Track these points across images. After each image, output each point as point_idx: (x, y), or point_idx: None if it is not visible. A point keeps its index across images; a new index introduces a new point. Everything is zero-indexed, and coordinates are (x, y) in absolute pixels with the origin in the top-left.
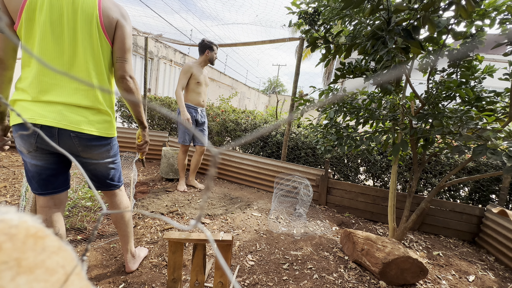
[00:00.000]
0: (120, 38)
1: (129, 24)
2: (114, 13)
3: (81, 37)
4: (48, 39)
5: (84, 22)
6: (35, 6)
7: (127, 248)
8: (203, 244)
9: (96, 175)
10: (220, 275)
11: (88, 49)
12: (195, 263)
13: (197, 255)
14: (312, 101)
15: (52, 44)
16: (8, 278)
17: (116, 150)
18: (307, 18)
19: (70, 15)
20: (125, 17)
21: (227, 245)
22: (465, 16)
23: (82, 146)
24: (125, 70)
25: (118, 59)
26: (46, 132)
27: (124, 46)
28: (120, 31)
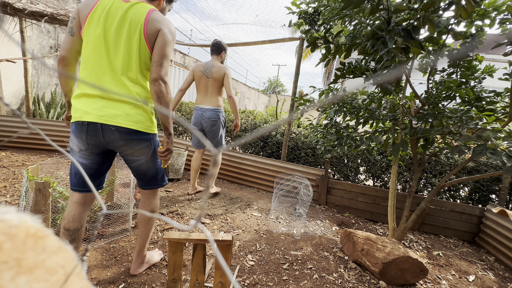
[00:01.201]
0: (159, 44)
1: (171, 34)
2: (159, 23)
3: (125, 42)
4: (99, 43)
5: (130, 30)
6: (96, 15)
7: (139, 251)
8: (203, 244)
9: (138, 173)
10: (220, 275)
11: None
12: (195, 263)
13: (197, 255)
14: (312, 101)
15: (101, 48)
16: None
17: (156, 149)
18: (307, 18)
19: (120, 23)
20: (169, 28)
21: (227, 245)
22: (465, 16)
23: (123, 140)
24: (159, 73)
25: (154, 63)
26: (92, 128)
27: (161, 51)
28: (160, 38)
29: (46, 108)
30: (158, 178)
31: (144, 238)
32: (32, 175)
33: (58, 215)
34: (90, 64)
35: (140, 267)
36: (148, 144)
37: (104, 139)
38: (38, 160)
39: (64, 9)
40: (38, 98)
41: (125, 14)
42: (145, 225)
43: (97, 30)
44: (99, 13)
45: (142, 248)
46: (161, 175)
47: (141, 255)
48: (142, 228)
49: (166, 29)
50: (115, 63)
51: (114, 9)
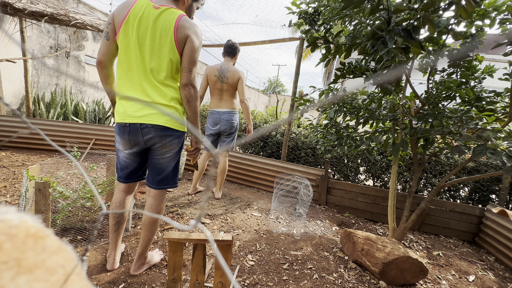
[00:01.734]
0: (188, 50)
1: (198, 40)
2: (188, 30)
3: (157, 47)
4: (134, 49)
5: (161, 36)
6: (130, 22)
7: (140, 253)
8: (203, 244)
9: (157, 167)
10: (220, 275)
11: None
12: (195, 263)
13: (197, 255)
14: (312, 101)
15: (137, 53)
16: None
17: (179, 150)
18: (307, 18)
19: (152, 30)
20: (197, 35)
21: (227, 245)
22: (465, 16)
23: (158, 137)
24: (189, 79)
25: (184, 69)
26: (133, 128)
27: (190, 58)
28: (189, 44)
29: (46, 108)
30: (172, 178)
31: (146, 241)
32: (32, 175)
33: (58, 215)
34: (131, 70)
35: (140, 268)
36: (178, 141)
37: (143, 138)
38: (38, 160)
39: (64, 9)
40: (38, 98)
41: (156, 21)
42: (149, 229)
43: (132, 37)
44: (132, 20)
45: (144, 251)
46: (177, 177)
47: (142, 257)
48: (146, 231)
49: (193, 36)
50: (149, 67)
51: (145, 16)
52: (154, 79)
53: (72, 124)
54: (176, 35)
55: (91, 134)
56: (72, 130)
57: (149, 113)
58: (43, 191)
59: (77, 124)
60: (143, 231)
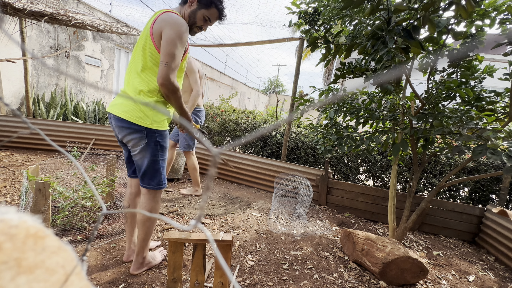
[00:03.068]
0: (163, 43)
1: (175, 32)
2: (164, 22)
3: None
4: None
5: (143, 33)
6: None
7: (137, 252)
8: (203, 244)
9: (136, 164)
10: (220, 275)
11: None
12: (195, 263)
13: (197, 255)
14: (312, 101)
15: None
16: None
17: (155, 147)
18: (307, 18)
19: (142, 34)
20: (173, 26)
21: (227, 245)
22: (465, 16)
23: (117, 128)
24: (162, 74)
25: (160, 63)
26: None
27: (165, 50)
28: (164, 37)
29: (46, 108)
30: (151, 178)
31: (141, 240)
32: (32, 175)
33: (58, 215)
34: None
35: (140, 267)
36: (140, 136)
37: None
38: (38, 160)
39: (64, 9)
40: (38, 98)
41: (148, 22)
42: (141, 227)
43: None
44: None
45: (141, 250)
46: (158, 179)
47: (140, 256)
48: (139, 230)
49: (168, 28)
50: (136, 64)
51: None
52: (135, 72)
53: (72, 124)
54: (152, 30)
55: (91, 134)
56: (72, 130)
57: (114, 103)
58: (43, 191)
59: (77, 124)
60: (137, 229)
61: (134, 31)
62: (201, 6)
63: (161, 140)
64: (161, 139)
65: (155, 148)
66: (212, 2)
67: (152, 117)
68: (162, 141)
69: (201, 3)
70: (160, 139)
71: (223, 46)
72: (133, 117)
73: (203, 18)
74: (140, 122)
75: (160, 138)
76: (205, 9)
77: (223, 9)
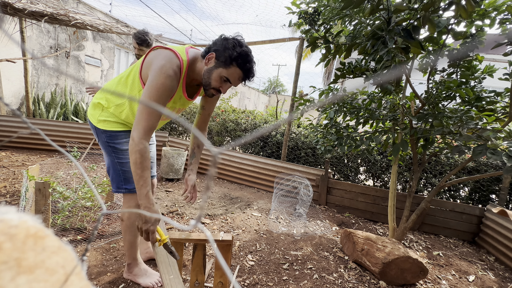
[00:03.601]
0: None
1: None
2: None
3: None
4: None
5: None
6: None
7: (127, 256)
8: (203, 244)
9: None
10: (220, 275)
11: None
12: (195, 263)
13: (197, 255)
14: (312, 101)
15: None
16: (8, 278)
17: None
18: (307, 18)
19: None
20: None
21: (227, 245)
22: (465, 16)
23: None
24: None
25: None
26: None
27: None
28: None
29: (46, 108)
30: (112, 181)
31: (125, 245)
32: (32, 175)
33: (58, 215)
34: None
35: (125, 273)
36: (100, 137)
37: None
38: (38, 160)
39: (64, 9)
40: (38, 98)
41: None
42: (123, 232)
43: None
44: None
45: (127, 255)
46: (117, 181)
47: (127, 264)
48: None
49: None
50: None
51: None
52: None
53: (72, 124)
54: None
55: (91, 134)
56: (72, 130)
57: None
58: (43, 191)
59: (77, 124)
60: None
61: (134, 31)
62: (218, 65)
63: (110, 141)
64: (110, 140)
65: (107, 149)
66: (233, 59)
67: (98, 116)
68: (112, 142)
69: (219, 60)
70: (109, 140)
71: None
72: (92, 116)
73: (220, 79)
74: (91, 119)
75: (109, 139)
76: (223, 68)
77: (249, 69)
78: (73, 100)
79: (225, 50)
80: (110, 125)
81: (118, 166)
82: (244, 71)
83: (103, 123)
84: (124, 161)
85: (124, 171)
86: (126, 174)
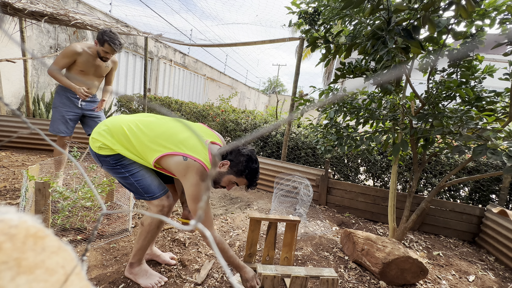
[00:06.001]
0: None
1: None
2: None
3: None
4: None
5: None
6: None
7: (132, 255)
8: (275, 223)
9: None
10: (286, 251)
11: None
12: (268, 240)
13: (270, 234)
14: (312, 101)
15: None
16: (8, 278)
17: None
18: (307, 18)
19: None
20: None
21: (293, 224)
22: (465, 16)
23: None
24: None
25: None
26: None
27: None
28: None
29: (46, 108)
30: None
31: (136, 247)
32: (32, 175)
33: (58, 215)
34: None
35: (126, 271)
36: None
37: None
38: (38, 160)
39: (64, 9)
40: (38, 98)
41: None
42: (140, 235)
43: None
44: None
45: (134, 255)
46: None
47: (130, 264)
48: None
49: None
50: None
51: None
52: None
53: None
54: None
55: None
56: None
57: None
58: (43, 191)
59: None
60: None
61: (134, 31)
62: (230, 172)
63: (117, 161)
64: (116, 160)
65: (115, 169)
66: (243, 172)
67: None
68: (120, 161)
69: (232, 169)
70: (113, 161)
71: (223, 46)
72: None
73: (229, 182)
74: (92, 145)
75: (114, 160)
76: (234, 176)
77: (255, 181)
78: None
79: (239, 164)
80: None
81: (131, 179)
82: (251, 182)
83: (105, 150)
84: (135, 171)
85: (139, 182)
86: (142, 183)
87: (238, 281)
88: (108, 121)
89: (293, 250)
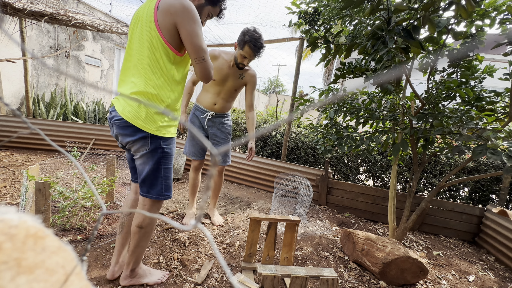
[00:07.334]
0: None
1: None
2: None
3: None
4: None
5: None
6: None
7: (128, 261)
8: (275, 223)
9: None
10: (286, 251)
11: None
12: (267, 241)
13: (270, 234)
14: (312, 101)
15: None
16: (8, 278)
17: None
18: (307, 18)
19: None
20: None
21: (294, 224)
22: (465, 16)
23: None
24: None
25: (192, 60)
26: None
27: (190, 47)
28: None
29: (46, 108)
30: (150, 187)
31: (131, 251)
32: (32, 175)
33: (58, 215)
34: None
35: (126, 279)
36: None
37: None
38: (38, 160)
39: (64, 9)
40: (38, 98)
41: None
42: (132, 236)
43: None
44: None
45: (129, 261)
46: (158, 189)
47: (128, 267)
48: (131, 239)
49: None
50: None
51: (139, 12)
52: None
53: (72, 124)
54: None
55: (91, 134)
56: (72, 130)
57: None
58: (43, 191)
59: (77, 124)
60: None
61: None
62: (208, 2)
63: (166, 147)
64: (166, 145)
65: (158, 155)
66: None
67: (159, 122)
68: (167, 148)
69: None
70: (165, 145)
71: (223, 46)
72: (137, 120)
73: (208, 16)
74: (145, 127)
75: (165, 145)
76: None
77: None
78: (73, 100)
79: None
80: (173, 130)
81: (162, 172)
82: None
83: (166, 129)
84: (169, 166)
85: (167, 178)
86: (168, 181)
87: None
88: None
89: (293, 250)
